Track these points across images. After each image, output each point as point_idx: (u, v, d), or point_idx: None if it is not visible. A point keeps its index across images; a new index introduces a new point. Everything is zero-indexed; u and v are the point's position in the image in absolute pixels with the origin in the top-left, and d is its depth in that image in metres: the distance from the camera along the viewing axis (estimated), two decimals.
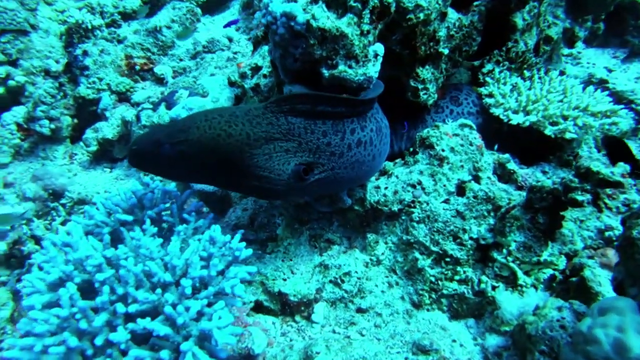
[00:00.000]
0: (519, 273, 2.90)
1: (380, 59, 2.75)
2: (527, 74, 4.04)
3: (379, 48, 2.71)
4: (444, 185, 3.28)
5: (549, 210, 2.82)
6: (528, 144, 3.95)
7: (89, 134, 4.79)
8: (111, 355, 1.98)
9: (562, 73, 5.27)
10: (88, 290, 2.21)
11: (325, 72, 2.63)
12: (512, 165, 3.48)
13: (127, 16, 5.99)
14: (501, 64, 4.13)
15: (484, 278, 3.02)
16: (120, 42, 5.50)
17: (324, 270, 3.27)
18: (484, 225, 3.11)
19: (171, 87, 4.58)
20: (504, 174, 3.52)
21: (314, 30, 2.52)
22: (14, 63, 5.26)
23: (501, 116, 3.70)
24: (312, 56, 2.60)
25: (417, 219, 3.19)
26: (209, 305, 2.22)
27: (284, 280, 3.23)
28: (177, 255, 2.21)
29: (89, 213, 2.62)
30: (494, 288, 2.98)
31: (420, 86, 3.53)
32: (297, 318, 3.16)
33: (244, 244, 2.53)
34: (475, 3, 3.67)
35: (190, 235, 2.70)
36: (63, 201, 4.25)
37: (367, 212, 3.41)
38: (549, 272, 2.91)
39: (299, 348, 2.81)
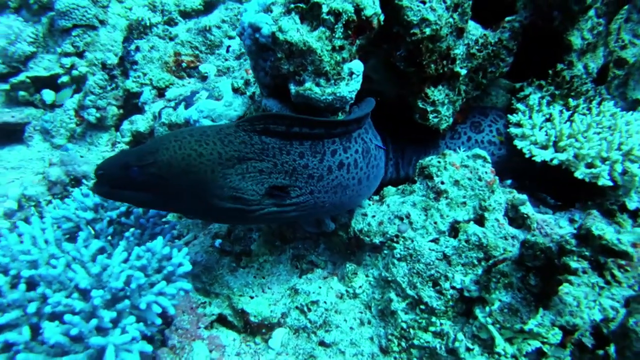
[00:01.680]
0: (498, 339, 2.46)
1: (358, 78, 2.49)
2: (572, 102, 3.43)
3: (356, 66, 2.45)
4: (435, 223, 2.92)
5: (542, 271, 2.35)
6: (562, 185, 3.38)
7: (125, 125, 5.10)
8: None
9: (637, 102, 4.46)
10: (32, 283, 2.30)
11: (292, 89, 2.45)
12: (526, 209, 2.98)
13: (187, 15, 6.26)
14: (544, 89, 3.57)
15: (460, 336, 2.62)
16: (172, 39, 5.77)
17: (293, 295, 3.09)
18: (470, 275, 2.70)
19: (205, 86, 4.67)
20: (517, 218, 3.04)
21: (280, 44, 2.35)
22: (80, 55, 5.79)
23: (524, 150, 3.18)
24: (280, 71, 2.44)
25: (399, 255, 2.88)
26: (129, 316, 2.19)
27: (251, 297, 3.11)
28: (104, 263, 2.20)
29: (58, 206, 2.74)
30: (468, 350, 2.57)
31: (429, 108, 3.17)
32: (257, 339, 3.03)
33: (187, 258, 2.47)
34: (507, 18, 3.20)
35: (147, 241, 2.69)
36: (82, 187, 4.59)
37: (350, 240, 3.16)
38: (536, 344, 2.43)
39: None
